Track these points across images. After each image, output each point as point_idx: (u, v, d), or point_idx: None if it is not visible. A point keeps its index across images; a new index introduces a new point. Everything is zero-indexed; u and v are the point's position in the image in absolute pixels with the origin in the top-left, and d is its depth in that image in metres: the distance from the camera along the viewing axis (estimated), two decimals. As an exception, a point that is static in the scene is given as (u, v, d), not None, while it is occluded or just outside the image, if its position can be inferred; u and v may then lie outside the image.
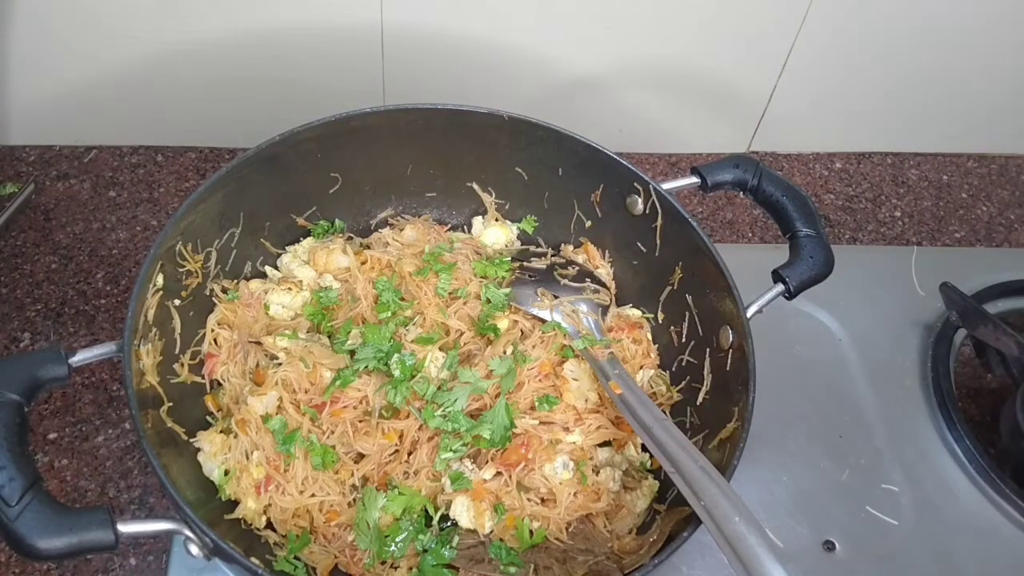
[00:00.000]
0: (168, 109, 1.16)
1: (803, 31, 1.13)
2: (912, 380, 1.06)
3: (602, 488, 0.83)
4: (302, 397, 0.83)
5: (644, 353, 0.93)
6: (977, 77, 1.24)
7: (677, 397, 0.91)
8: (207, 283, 0.89)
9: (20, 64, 1.08)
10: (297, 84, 1.13)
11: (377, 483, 0.82)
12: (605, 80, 1.18)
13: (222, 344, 0.88)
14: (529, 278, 0.95)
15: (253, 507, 0.80)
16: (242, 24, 1.06)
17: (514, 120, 0.91)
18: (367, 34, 1.08)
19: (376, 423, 0.83)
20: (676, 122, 1.25)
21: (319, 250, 0.94)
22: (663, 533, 0.79)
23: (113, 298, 1.05)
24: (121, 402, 0.96)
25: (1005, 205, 1.32)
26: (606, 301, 0.96)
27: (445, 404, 0.82)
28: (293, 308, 0.91)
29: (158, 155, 1.19)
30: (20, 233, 1.10)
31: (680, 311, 0.92)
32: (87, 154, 1.18)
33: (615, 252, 0.98)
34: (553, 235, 1.01)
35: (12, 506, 0.62)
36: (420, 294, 0.91)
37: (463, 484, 0.81)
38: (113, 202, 1.14)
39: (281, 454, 0.80)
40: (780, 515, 0.94)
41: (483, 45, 1.11)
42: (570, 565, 0.79)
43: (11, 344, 1.00)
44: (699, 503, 0.69)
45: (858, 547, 0.92)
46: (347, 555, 0.79)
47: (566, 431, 0.85)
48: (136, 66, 1.09)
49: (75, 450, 0.93)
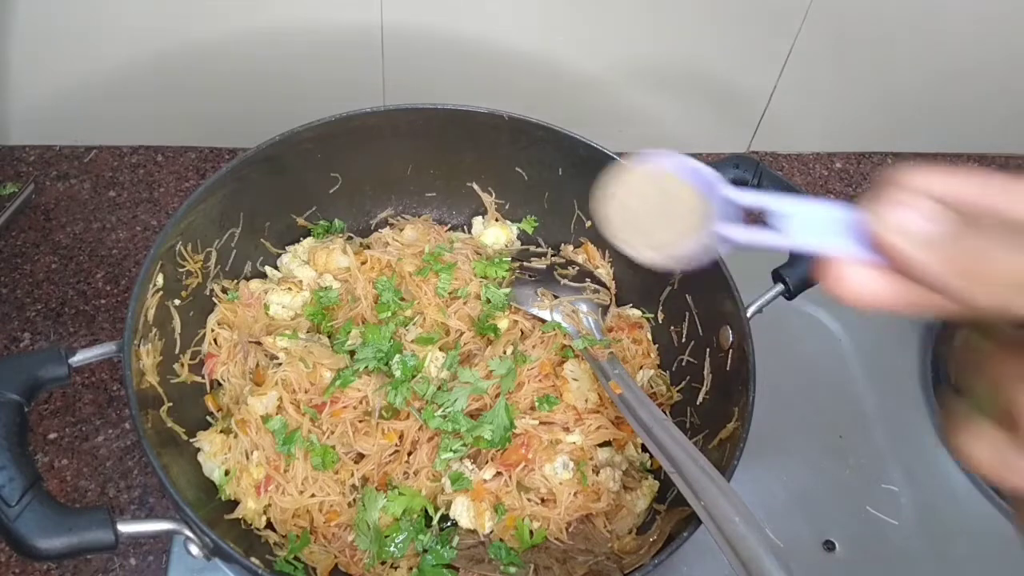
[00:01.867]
0: (168, 109, 1.16)
1: (803, 31, 1.13)
2: (912, 380, 1.06)
3: (602, 488, 0.83)
4: (302, 397, 0.83)
5: (644, 353, 0.93)
6: (977, 77, 1.24)
7: (677, 397, 0.91)
8: (207, 283, 0.89)
9: (20, 64, 1.08)
10: (297, 84, 1.13)
11: (377, 483, 0.82)
12: (605, 80, 1.18)
13: (222, 344, 0.88)
14: (529, 278, 0.95)
15: (253, 507, 0.80)
16: (242, 24, 1.06)
17: (514, 120, 0.91)
18: (367, 34, 1.08)
19: (376, 423, 0.83)
20: (676, 122, 1.25)
21: (319, 250, 0.94)
22: (663, 533, 0.79)
23: (113, 298, 1.05)
24: (121, 402, 0.96)
25: (1005, 205, 1.32)
26: (606, 301, 0.96)
27: (445, 404, 0.82)
28: (293, 308, 0.91)
29: (158, 155, 1.19)
30: (20, 233, 1.10)
31: (680, 311, 0.92)
32: (87, 154, 1.18)
33: (615, 252, 0.98)
34: (553, 235, 1.01)
35: (12, 506, 0.62)
36: (420, 294, 0.91)
37: (463, 484, 0.81)
38: (113, 202, 1.14)
39: (281, 454, 0.80)
40: (780, 515, 0.94)
41: (483, 45, 1.11)
42: (570, 565, 0.79)
43: (11, 344, 1.00)
44: (699, 503, 0.69)
45: (858, 547, 0.92)
46: (347, 555, 0.79)
47: (566, 431, 0.85)
48: (136, 66, 1.09)
49: (75, 450, 0.93)
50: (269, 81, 1.13)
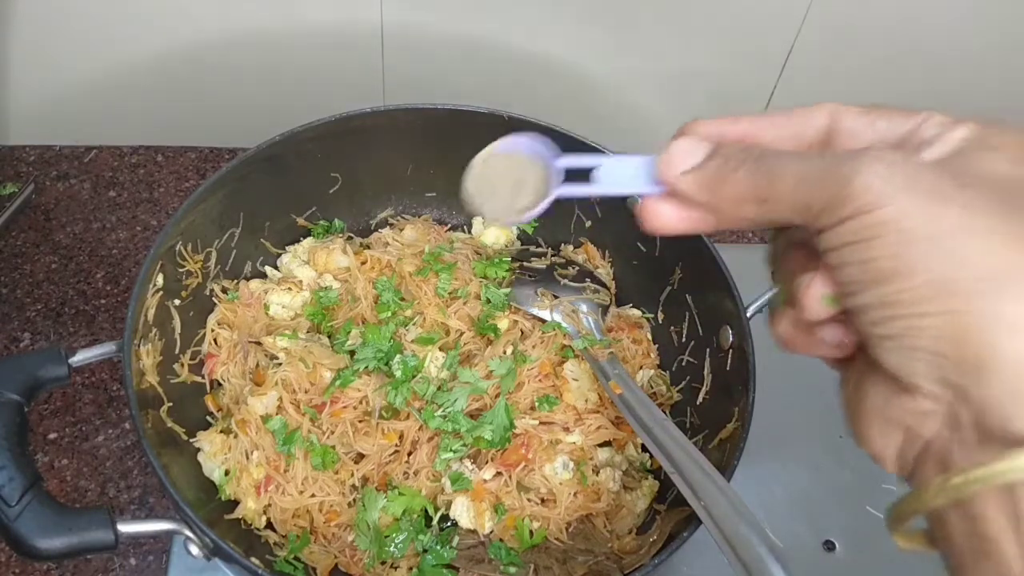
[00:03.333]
0: (168, 109, 1.16)
1: (803, 31, 1.13)
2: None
3: (602, 488, 0.83)
4: (302, 397, 0.83)
5: (644, 353, 0.93)
6: (977, 77, 1.24)
7: (677, 397, 0.91)
8: (207, 283, 0.89)
9: (20, 64, 1.08)
10: (297, 84, 1.13)
11: (377, 483, 0.82)
12: (606, 80, 1.18)
13: (222, 344, 0.88)
14: (529, 278, 0.95)
15: (253, 507, 0.80)
16: (242, 24, 1.06)
17: (514, 120, 0.91)
18: (367, 34, 1.08)
19: (376, 423, 0.83)
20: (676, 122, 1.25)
21: (319, 250, 0.94)
22: (663, 533, 0.79)
23: (113, 298, 1.05)
24: (121, 402, 0.96)
25: (1005, 205, 1.32)
26: (606, 301, 0.96)
27: (445, 404, 0.82)
28: (293, 308, 0.91)
29: (158, 155, 1.19)
30: (20, 233, 1.10)
31: (680, 311, 0.92)
32: (87, 154, 1.18)
33: (615, 252, 0.98)
34: (553, 235, 1.01)
35: (12, 506, 0.62)
36: (420, 294, 0.91)
37: (463, 484, 0.81)
38: (113, 202, 1.14)
39: (281, 454, 0.80)
40: (780, 515, 0.94)
41: (484, 45, 1.11)
42: (570, 565, 0.79)
43: (11, 344, 1.00)
44: (699, 503, 0.69)
45: (858, 547, 0.92)
46: (347, 555, 0.79)
47: (566, 431, 0.85)
48: (136, 66, 1.09)
49: (75, 450, 0.93)
50: (269, 81, 1.13)
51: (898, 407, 0.37)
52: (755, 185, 0.39)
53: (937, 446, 0.37)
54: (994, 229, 0.34)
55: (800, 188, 0.37)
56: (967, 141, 0.38)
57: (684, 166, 0.42)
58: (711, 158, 0.41)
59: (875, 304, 0.36)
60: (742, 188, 0.39)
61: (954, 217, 0.34)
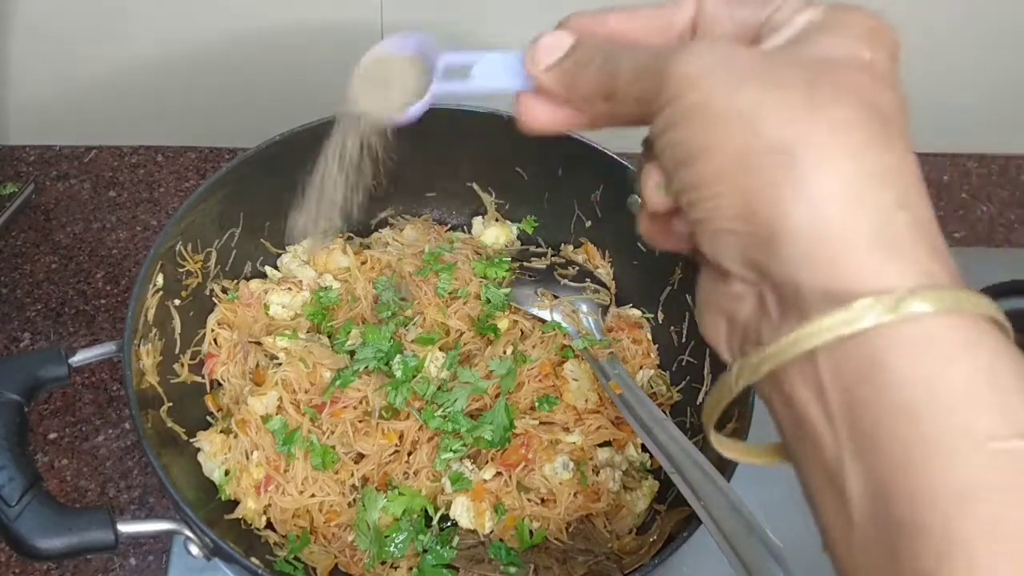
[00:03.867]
0: (168, 109, 1.16)
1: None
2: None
3: (602, 488, 0.83)
4: (302, 397, 0.83)
5: (644, 353, 0.93)
6: (977, 77, 1.24)
7: (677, 397, 0.91)
8: (207, 283, 0.89)
9: (20, 64, 1.08)
10: (297, 84, 1.13)
11: (377, 483, 0.82)
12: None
13: (222, 344, 0.88)
14: (529, 278, 0.95)
15: (253, 507, 0.80)
16: (242, 24, 1.06)
17: (514, 120, 0.90)
18: (367, 34, 1.08)
19: (376, 423, 0.83)
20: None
21: (319, 250, 0.94)
22: (663, 533, 0.79)
23: (113, 298, 1.05)
24: (121, 402, 0.96)
25: (1005, 205, 1.32)
26: (606, 301, 0.96)
27: (445, 404, 0.82)
28: (293, 308, 0.91)
29: (158, 155, 1.19)
30: (20, 233, 1.10)
31: (680, 311, 0.92)
32: (87, 154, 1.18)
33: (615, 252, 0.98)
34: (553, 235, 1.01)
35: (12, 506, 0.62)
36: (420, 294, 0.91)
37: (463, 484, 0.81)
38: (113, 202, 1.14)
39: (281, 454, 0.80)
40: (780, 515, 0.93)
41: (483, 45, 1.11)
42: (570, 565, 0.79)
43: (11, 344, 1.00)
44: (699, 503, 0.69)
45: (858, 547, 0.92)
46: (347, 555, 0.79)
47: (566, 431, 0.85)
48: (136, 66, 1.09)
49: (75, 450, 0.93)
50: (269, 81, 1.13)
51: (719, 293, 0.37)
52: (600, 82, 0.39)
53: (752, 329, 0.36)
54: (792, 102, 0.34)
55: (635, 83, 0.37)
56: (811, 24, 0.37)
57: (548, 61, 0.42)
58: (568, 55, 0.41)
59: (686, 187, 0.36)
60: (592, 85, 0.39)
61: (755, 93, 0.34)
